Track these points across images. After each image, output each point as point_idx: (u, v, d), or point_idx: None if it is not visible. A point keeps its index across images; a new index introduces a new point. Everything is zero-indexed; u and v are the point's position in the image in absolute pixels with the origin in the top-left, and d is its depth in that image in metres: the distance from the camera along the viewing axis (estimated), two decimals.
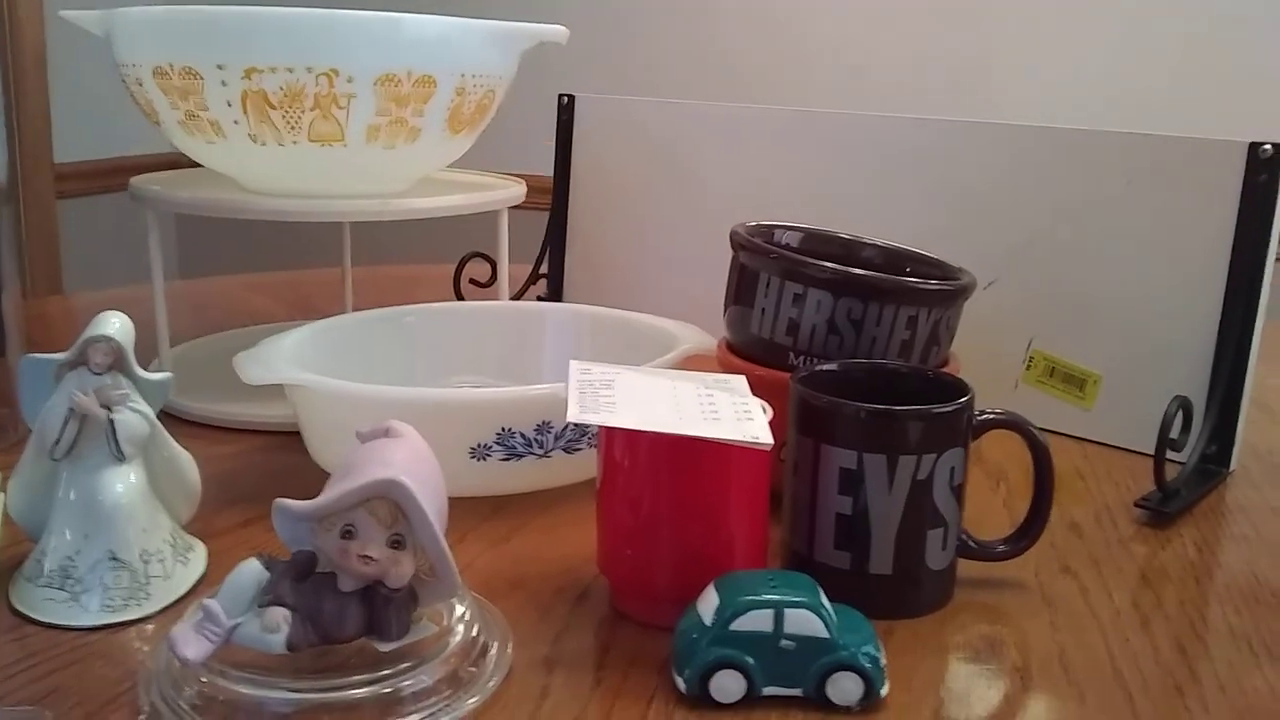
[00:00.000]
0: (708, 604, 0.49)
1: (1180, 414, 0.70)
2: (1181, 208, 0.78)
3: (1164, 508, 0.69)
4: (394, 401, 0.63)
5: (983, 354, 0.75)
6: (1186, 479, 0.72)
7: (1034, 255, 0.84)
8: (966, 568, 0.59)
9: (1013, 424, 0.59)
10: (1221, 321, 0.77)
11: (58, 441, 0.54)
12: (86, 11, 0.80)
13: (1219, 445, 0.76)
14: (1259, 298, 0.75)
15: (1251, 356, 0.76)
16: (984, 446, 0.72)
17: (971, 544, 0.59)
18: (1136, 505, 0.70)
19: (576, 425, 0.64)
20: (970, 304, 0.69)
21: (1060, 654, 0.54)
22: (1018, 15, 1.99)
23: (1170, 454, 0.70)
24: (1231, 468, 0.77)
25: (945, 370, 0.66)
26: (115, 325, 0.55)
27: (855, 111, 0.94)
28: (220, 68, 0.73)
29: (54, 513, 0.55)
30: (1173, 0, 1.88)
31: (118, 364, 0.55)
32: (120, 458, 0.55)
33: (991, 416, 0.58)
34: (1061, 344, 0.84)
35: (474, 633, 0.50)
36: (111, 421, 0.54)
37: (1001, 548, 0.60)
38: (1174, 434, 0.70)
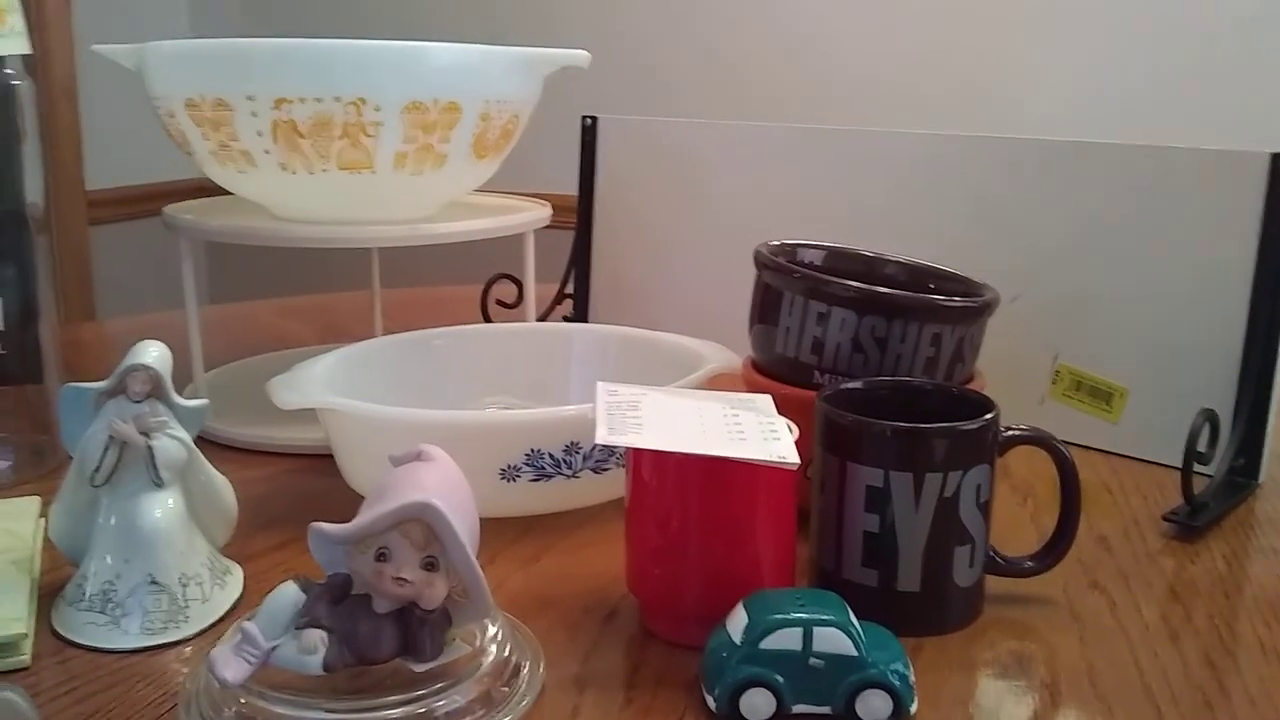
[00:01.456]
0: (736, 622, 0.50)
1: (1207, 427, 0.70)
2: (1205, 219, 0.78)
3: (1192, 521, 0.69)
4: (425, 424, 0.64)
5: (1009, 369, 0.75)
6: (1215, 492, 0.72)
7: (1058, 269, 0.85)
8: (994, 584, 0.59)
9: (1038, 440, 0.59)
10: (1247, 333, 0.77)
11: (98, 469, 0.55)
12: (119, 45, 0.82)
13: (1247, 457, 0.76)
14: None
15: (1279, 367, 0.76)
16: (1011, 462, 0.72)
17: (999, 560, 0.59)
18: (1164, 519, 0.70)
19: (605, 446, 0.65)
20: (995, 319, 0.69)
21: (1089, 669, 0.54)
22: (1038, 28, 1.99)
23: (1198, 467, 0.70)
24: (1260, 479, 0.77)
25: (970, 387, 0.66)
26: (153, 354, 0.56)
27: (876, 128, 0.95)
28: (251, 99, 0.74)
29: (94, 538, 0.56)
30: (1194, 10, 1.88)
31: (156, 392, 0.56)
32: (159, 484, 0.56)
33: (1017, 433, 0.58)
34: (1087, 358, 0.84)
35: (506, 653, 0.51)
36: (150, 448, 0.56)
37: (1029, 564, 0.60)
38: (1201, 447, 0.70)
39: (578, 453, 0.65)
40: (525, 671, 0.51)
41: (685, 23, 2.27)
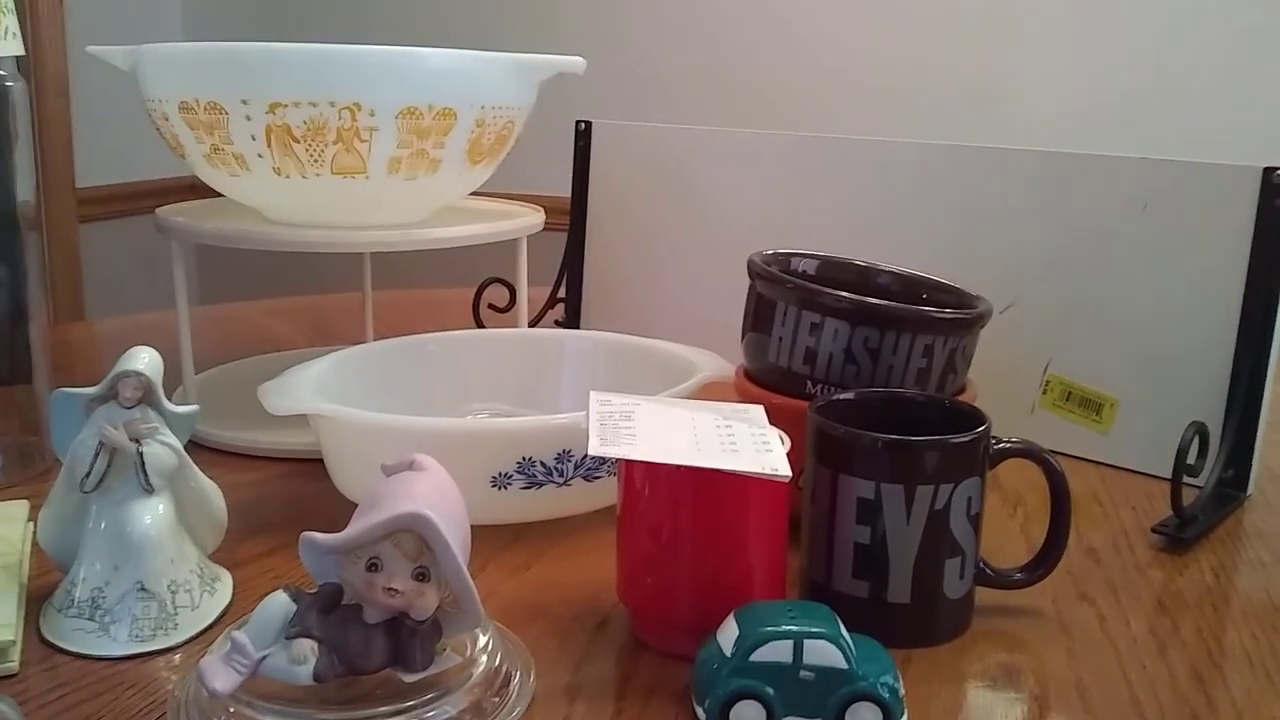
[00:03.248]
0: (727, 634, 0.50)
1: (1196, 440, 0.71)
2: (1196, 232, 0.79)
3: (1181, 533, 0.69)
4: (416, 431, 0.64)
5: (999, 378, 0.75)
6: (1204, 504, 0.72)
7: (1050, 280, 0.85)
8: (984, 595, 0.60)
9: (1029, 454, 0.59)
10: (1237, 345, 0.77)
11: (88, 474, 0.55)
12: (113, 47, 0.82)
13: (1236, 470, 0.76)
14: (1274, 321, 0.76)
15: (1268, 380, 0.76)
16: (1001, 472, 0.72)
17: (989, 572, 0.59)
18: (1153, 531, 0.70)
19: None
20: (987, 328, 0.69)
21: (1077, 682, 0.54)
22: (1034, 39, 1.99)
23: (1188, 479, 0.70)
24: (1249, 492, 0.77)
25: (962, 397, 0.67)
26: (145, 360, 0.56)
27: (871, 137, 0.95)
28: (245, 102, 0.74)
29: (84, 544, 0.56)
30: (1191, 21, 1.88)
31: (147, 398, 0.56)
32: (149, 490, 0.56)
33: (1008, 446, 0.59)
34: (1078, 368, 0.84)
35: (497, 662, 0.51)
36: (140, 454, 0.55)
37: (1018, 576, 0.60)
38: (1190, 459, 0.71)
39: (569, 461, 0.65)
40: (516, 681, 0.51)
41: (685, 29, 2.27)
